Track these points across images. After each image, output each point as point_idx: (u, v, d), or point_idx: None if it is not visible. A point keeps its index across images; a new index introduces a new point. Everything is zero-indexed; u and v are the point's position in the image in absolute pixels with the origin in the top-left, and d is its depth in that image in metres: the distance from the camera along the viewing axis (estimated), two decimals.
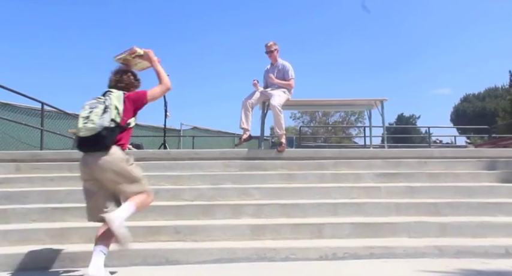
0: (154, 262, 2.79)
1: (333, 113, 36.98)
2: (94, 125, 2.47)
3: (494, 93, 29.62)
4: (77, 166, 4.32)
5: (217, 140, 16.69)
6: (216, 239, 3.11)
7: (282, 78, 5.19)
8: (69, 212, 3.48)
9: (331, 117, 38.45)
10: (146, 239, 3.12)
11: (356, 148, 11.83)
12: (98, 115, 2.50)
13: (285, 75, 5.20)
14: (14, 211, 3.45)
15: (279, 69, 5.23)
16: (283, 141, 4.69)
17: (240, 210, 3.53)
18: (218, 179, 4.18)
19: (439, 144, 17.94)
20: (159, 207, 3.57)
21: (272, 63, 5.32)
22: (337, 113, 36.92)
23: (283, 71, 5.22)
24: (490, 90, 30.42)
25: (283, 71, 5.22)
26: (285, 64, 5.25)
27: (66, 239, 3.11)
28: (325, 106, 5.52)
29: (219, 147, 15.58)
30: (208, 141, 16.34)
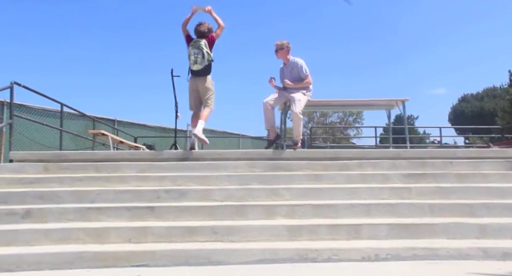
0: (196, 263, 2.81)
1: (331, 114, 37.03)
2: (200, 65, 4.85)
3: (492, 93, 29.55)
4: (102, 166, 4.44)
5: (223, 141, 16.73)
6: (253, 240, 3.13)
7: (298, 77, 5.13)
8: (103, 212, 3.51)
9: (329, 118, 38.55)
10: (183, 240, 3.14)
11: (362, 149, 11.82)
12: (200, 59, 4.83)
13: (300, 73, 5.13)
14: (51, 210, 3.48)
15: (292, 68, 5.16)
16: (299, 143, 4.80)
17: (273, 210, 3.55)
18: (245, 179, 4.19)
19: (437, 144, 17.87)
20: (191, 207, 3.60)
21: (284, 62, 5.26)
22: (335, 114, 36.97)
23: (296, 69, 5.13)
24: (489, 90, 30.35)
25: (296, 69, 5.14)
26: (296, 61, 5.14)
27: (105, 239, 3.13)
28: (344, 106, 5.53)
29: (224, 147, 15.67)
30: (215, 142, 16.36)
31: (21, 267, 2.74)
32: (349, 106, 6.10)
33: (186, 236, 3.16)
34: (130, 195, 3.81)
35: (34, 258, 2.79)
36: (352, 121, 37.30)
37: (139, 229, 3.20)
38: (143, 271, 2.67)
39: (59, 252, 2.85)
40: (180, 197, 3.81)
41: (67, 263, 2.77)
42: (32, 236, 3.10)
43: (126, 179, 4.16)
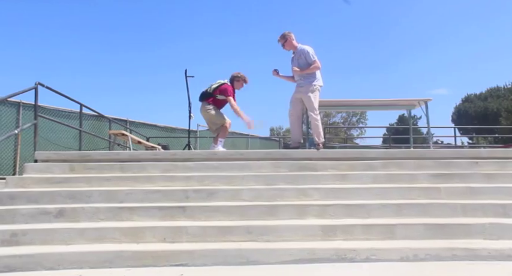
0: (234, 262, 2.81)
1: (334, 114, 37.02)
2: None
3: (496, 93, 29.42)
4: (127, 166, 4.46)
5: (232, 141, 16.76)
6: (288, 240, 3.14)
7: (306, 63, 5.15)
8: (135, 212, 3.53)
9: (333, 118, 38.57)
10: (218, 239, 3.15)
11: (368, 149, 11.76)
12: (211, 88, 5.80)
13: (307, 59, 5.14)
14: (83, 210, 3.50)
15: (300, 56, 5.21)
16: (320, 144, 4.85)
17: (304, 210, 3.55)
18: (271, 179, 4.19)
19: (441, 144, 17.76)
20: (222, 207, 3.61)
21: (293, 51, 5.32)
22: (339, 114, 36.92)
23: (303, 55, 5.17)
24: (492, 90, 30.20)
25: (304, 56, 5.17)
26: (303, 48, 5.18)
27: (140, 238, 3.14)
28: (365, 107, 5.53)
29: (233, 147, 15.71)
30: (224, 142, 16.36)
31: (63, 265, 2.76)
32: (369, 106, 6.07)
33: (220, 236, 3.17)
34: (159, 195, 3.83)
35: (75, 257, 2.81)
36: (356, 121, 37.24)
37: (174, 229, 3.21)
38: (182, 270, 2.68)
39: (99, 251, 2.87)
40: (209, 197, 3.82)
41: (107, 262, 2.79)
42: (68, 235, 3.13)
43: (153, 179, 4.18)
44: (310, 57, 5.12)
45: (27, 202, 3.70)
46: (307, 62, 5.16)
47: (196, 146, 14.31)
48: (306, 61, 5.16)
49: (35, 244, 3.07)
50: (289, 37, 5.25)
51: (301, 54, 5.18)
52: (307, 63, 5.16)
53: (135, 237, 3.14)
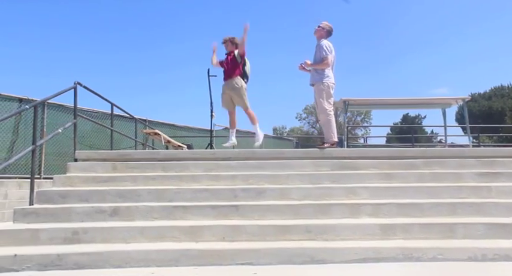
0: (300, 261, 2.82)
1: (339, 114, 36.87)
2: None
3: (500, 92, 29.22)
4: (169, 165, 4.48)
5: (247, 140, 16.80)
6: (347, 239, 3.13)
7: (320, 58, 5.06)
8: (188, 211, 3.54)
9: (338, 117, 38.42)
10: (277, 238, 3.15)
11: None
12: None
13: (320, 54, 5.05)
14: (137, 209, 3.52)
15: (316, 49, 5.15)
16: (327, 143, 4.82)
17: (357, 209, 3.54)
18: (316, 178, 4.19)
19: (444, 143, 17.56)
20: (274, 206, 3.61)
21: None
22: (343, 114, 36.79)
23: (318, 50, 5.09)
24: (496, 89, 29.98)
25: (318, 50, 5.09)
26: (321, 43, 5.07)
27: (199, 237, 3.16)
28: (400, 105, 5.51)
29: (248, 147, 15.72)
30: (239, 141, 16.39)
31: (130, 263, 2.78)
32: (405, 105, 6.04)
33: (279, 235, 3.17)
34: (207, 194, 3.84)
35: (141, 255, 2.83)
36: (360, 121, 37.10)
37: (232, 227, 3.22)
38: (249, 269, 2.68)
39: (163, 249, 2.88)
40: (257, 196, 3.83)
41: (173, 260, 2.81)
42: (128, 234, 3.15)
43: (197, 178, 4.19)
44: (323, 52, 5.01)
45: (79, 201, 3.74)
46: (320, 57, 5.07)
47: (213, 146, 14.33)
48: (320, 55, 5.06)
49: (95, 242, 3.09)
50: (324, 28, 5.13)
51: (318, 48, 5.11)
52: (320, 59, 5.07)
53: (194, 236, 3.16)
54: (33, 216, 3.41)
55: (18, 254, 2.74)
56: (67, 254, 2.79)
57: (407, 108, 5.17)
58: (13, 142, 8.27)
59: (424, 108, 6.61)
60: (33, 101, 8.49)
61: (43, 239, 3.07)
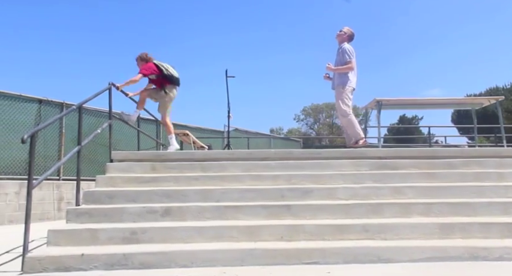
0: (366, 260, 2.82)
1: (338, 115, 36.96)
2: None
3: (495, 93, 29.38)
4: (207, 166, 4.47)
5: (255, 141, 16.81)
6: (406, 238, 3.13)
7: (343, 61, 5.16)
8: (240, 211, 3.54)
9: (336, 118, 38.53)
10: (335, 238, 3.15)
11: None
12: None
13: (344, 58, 5.14)
14: (189, 209, 3.52)
15: (339, 53, 5.25)
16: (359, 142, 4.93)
17: (408, 208, 3.54)
18: (358, 178, 4.19)
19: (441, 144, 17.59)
20: (325, 206, 3.61)
21: None
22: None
23: (341, 53, 5.17)
24: (492, 90, 30.14)
25: (341, 54, 5.17)
26: (343, 47, 5.18)
27: (256, 236, 3.15)
28: (432, 105, 5.51)
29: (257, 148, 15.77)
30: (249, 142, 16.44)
31: (196, 263, 2.78)
32: (436, 105, 6.01)
33: (337, 234, 3.17)
34: (254, 194, 3.84)
35: (206, 255, 2.82)
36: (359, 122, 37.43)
37: (289, 227, 3.22)
38: (320, 268, 2.68)
39: (229, 249, 2.89)
40: (304, 196, 3.83)
41: (238, 260, 2.81)
42: (186, 234, 3.14)
43: (240, 178, 4.19)
44: (346, 56, 5.11)
45: (126, 201, 3.73)
46: (343, 60, 5.15)
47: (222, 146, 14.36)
48: (343, 59, 5.16)
49: (154, 242, 3.09)
50: (346, 32, 5.28)
51: (341, 52, 5.21)
52: (343, 62, 5.16)
53: (251, 236, 3.15)
54: (86, 216, 3.41)
55: (85, 254, 2.73)
56: (133, 253, 2.79)
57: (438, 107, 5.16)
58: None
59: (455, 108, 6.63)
60: (52, 102, 8.53)
61: (102, 239, 3.06)
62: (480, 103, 5.40)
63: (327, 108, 39.44)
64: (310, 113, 41.23)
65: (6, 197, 7.23)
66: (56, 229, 3.09)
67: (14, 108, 7.75)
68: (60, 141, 8.68)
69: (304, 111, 40.83)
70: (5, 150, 7.50)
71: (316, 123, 40.91)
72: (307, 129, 40.87)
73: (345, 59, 5.12)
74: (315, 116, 39.50)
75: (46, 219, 7.78)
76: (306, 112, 41.16)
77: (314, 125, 41.25)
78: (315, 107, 40.48)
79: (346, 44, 5.22)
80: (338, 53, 5.29)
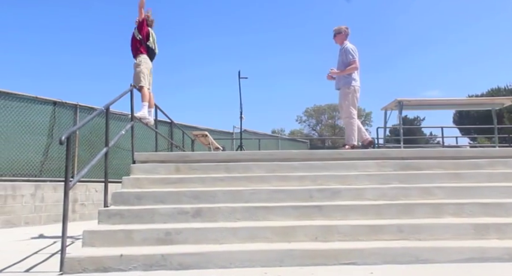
0: (404, 261, 2.80)
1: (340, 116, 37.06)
2: None
3: (497, 94, 29.23)
4: (232, 166, 4.47)
5: (264, 142, 16.82)
6: (440, 238, 3.11)
7: (347, 62, 5.17)
8: (271, 211, 3.53)
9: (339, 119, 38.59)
10: (369, 238, 3.14)
11: None
12: None
13: (347, 58, 5.15)
14: (220, 210, 3.51)
15: (342, 53, 5.24)
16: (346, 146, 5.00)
17: (439, 209, 3.52)
18: (384, 178, 4.17)
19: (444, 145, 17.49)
20: (355, 206, 3.60)
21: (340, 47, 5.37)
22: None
23: (344, 53, 5.17)
24: (493, 91, 30.03)
25: (344, 54, 5.17)
26: (346, 46, 5.18)
27: (291, 237, 3.14)
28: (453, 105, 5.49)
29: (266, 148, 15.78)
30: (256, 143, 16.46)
31: (234, 264, 2.77)
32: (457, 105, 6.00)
33: (371, 235, 3.15)
34: (283, 194, 3.83)
35: (245, 256, 2.81)
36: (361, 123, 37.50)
37: (322, 227, 3.20)
38: (357, 269, 2.66)
39: (267, 249, 2.87)
40: (333, 196, 3.81)
41: (277, 261, 2.79)
42: (220, 234, 3.14)
43: (266, 178, 4.18)
44: (349, 56, 5.10)
45: (154, 202, 3.73)
46: (347, 60, 5.15)
47: (232, 147, 14.38)
48: (346, 60, 5.17)
49: (188, 243, 3.09)
50: (343, 31, 5.31)
51: (343, 51, 5.20)
52: (347, 62, 5.16)
53: (286, 237, 3.14)
54: (118, 217, 3.41)
55: (123, 254, 2.73)
56: (171, 254, 2.78)
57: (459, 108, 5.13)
58: (48, 145, 8.29)
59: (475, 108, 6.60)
60: (66, 104, 8.56)
61: (137, 240, 3.06)
62: (501, 103, 5.38)
63: (329, 110, 39.43)
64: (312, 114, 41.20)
65: (22, 199, 7.23)
66: (91, 230, 3.09)
67: (30, 110, 7.77)
68: (74, 142, 8.70)
69: (307, 112, 40.85)
70: (21, 152, 7.52)
71: (319, 124, 40.89)
72: (309, 130, 40.85)
73: (349, 59, 5.13)
74: (317, 117, 39.45)
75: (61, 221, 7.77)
76: (308, 113, 41.16)
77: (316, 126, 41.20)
78: (317, 109, 40.48)
79: (348, 44, 5.24)
80: (341, 53, 5.30)
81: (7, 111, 7.38)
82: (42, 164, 8.05)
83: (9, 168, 7.22)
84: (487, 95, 29.56)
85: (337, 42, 5.35)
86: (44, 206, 7.53)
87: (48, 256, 3.49)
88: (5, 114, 7.29)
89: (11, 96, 7.50)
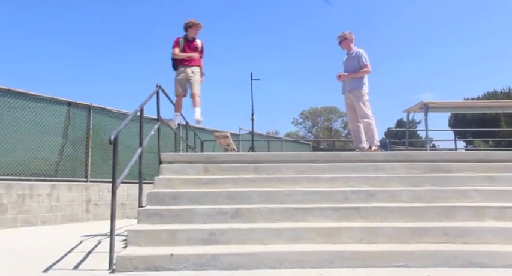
0: (456, 264, 2.77)
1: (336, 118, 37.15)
2: None
3: (493, 97, 29.28)
4: (261, 168, 4.45)
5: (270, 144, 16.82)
6: (488, 242, 3.09)
7: (358, 66, 5.26)
8: (310, 213, 3.50)
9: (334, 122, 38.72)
10: (415, 241, 3.11)
11: None
12: None
13: (359, 62, 5.26)
14: (259, 210, 3.49)
15: (353, 57, 5.33)
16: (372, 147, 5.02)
17: (481, 212, 3.50)
18: (415, 181, 4.15)
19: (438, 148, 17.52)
20: (394, 208, 3.58)
21: (347, 52, 5.45)
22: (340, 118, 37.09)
23: (356, 58, 5.28)
24: (490, 94, 30.09)
25: (356, 58, 5.28)
26: (358, 51, 5.29)
27: (336, 239, 3.12)
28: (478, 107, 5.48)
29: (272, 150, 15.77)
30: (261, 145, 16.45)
31: (284, 264, 2.75)
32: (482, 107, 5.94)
33: (416, 237, 3.13)
34: (317, 196, 3.80)
35: (293, 257, 2.79)
36: None
37: (365, 229, 3.19)
38: (411, 272, 2.64)
39: (314, 251, 2.85)
40: (369, 198, 3.79)
41: (327, 262, 2.77)
42: (264, 235, 3.11)
43: (297, 180, 4.17)
44: (363, 60, 5.22)
45: (189, 202, 3.71)
46: (359, 64, 5.25)
47: (239, 149, 14.36)
48: (358, 64, 5.26)
49: (232, 243, 3.06)
50: (349, 37, 5.40)
51: (355, 56, 5.29)
52: (359, 67, 5.25)
53: (330, 238, 3.12)
54: (157, 217, 3.38)
55: (174, 254, 2.70)
56: (220, 254, 2.76)
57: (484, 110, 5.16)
58: (63, 145, 8.26)
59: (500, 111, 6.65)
60: (80, 105, 8.54)
61: (181, 240, 3.04)
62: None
63: (325, 112, 39.53)
64: (308, 117, 41.22)
65: (39, 198, 7.20)
66: (135, 229, 3.07)
67: (46, 110, 7.75)
68: (88, 143, 8.67)
69: (302, 114, 40.91)
70: (37, 151, 7.49)
71: (315, 126, 40.87)
72: (305, 132, 40.88)
73: (362, 62, 5.23)
74: (313, 120, 39.45)
75: (75, 220, 7.76)
76: (304, 116, 41.21)
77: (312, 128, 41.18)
78: (313, 111, 40.54)
79: (359, 49, 5.38)
80: (351, 57, 5.39)
81: (24, 112, 7.36)
82: (57, 164, 8.02)
83: (27, 168, 7.19)
84: (484, 98, 29.56)
85: (344, 49, 5.44)
86: (60, 206, 7.50)
87: (85, 255, 3.46)
88: (22, 115, 7.27)
89: (28, 96, 7.48)
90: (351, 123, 5.54)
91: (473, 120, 26.24)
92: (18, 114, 7.13)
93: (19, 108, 7.23)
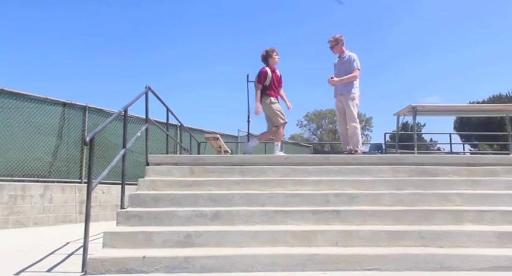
0: (428, 268, 2.78)
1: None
2: None
3: (498, 101, 29.17)
4: (246, 170, 4.45)
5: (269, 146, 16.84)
6: (462, 245, 3.09)
7: (349, 70, 5.28)
8: (289, 215, 3.51)
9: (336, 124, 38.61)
10: (390, 244, 3.12)
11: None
12: None
13: (351, 66, 5.27)
14: (238, 213, 3.50)
15: (345, 61, 5.35)
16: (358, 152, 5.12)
17: (459, 216, 3.50)
18: (400, 184, 4.15)
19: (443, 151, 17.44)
20: (374, 211, 3.58)
21: (339, 55, 5.47)
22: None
23: (348, 62, 5.30)
24: (495, 98, 29.99)
25: (348, 62, 5.30)
26: (350, 55, 5.31)
27: (311, 242, 3.13)
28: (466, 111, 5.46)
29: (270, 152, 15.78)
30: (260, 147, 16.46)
31: (256, 268, 2.76)
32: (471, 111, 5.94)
33: (392, 240, 3.14)
34: (299, 199, 3.81)
35: (266, 260, 2.80)
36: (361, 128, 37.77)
37: (342, 233, 3.19)
38: (382, 275, 2.64)
39: (288, 254, 2.86)
40: (350, 201, 3.79)
41: (299, 265, 2.78)
42: (240, 238, 3.12)
43: (282, 182, 4.16)
44: (354, 65, 5.26)
45: (171, 204, 3.72)
46: (350, 68, 5.28)
47: (237, 151, 14.38)
48: (349, 68, 5.29)
49: (209, 246, 3.07)
50: (340, 41, 5.42)
51: (346, 59, 5.31)
52: (350, 71, 5.28)
53: (305, 241, 3.13)
54: (136, 219, 3.40)
55: (146, 256, 2.72)
56: (193, 257, 2.77)
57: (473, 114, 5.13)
58: (57, 146, 8.29)
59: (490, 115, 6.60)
60: (75, 105, 8.58)
61: (157, 242, 3.05)
62: None
63: (330, 114, 39.51)
64: (313, 119, 41.24)
65: (32, 199, 7.23)
66: (111, 231, 3.09)
67: (40, 111, 7.79)
68: (83, 144, 8.69)
69: (307, 117, 40.91)
70: (31, 152, 7.53)
71: (319, 129, 40.88)
72: (309, 134, 40.86)
73: (353, 67, 5.27)
74: (317, 122, 39.50)
75: (68, 221, 7.78)
76: (309, 118, 41.21)
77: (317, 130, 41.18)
78: (318, 113, 40.53)
79: (351, 52, 5.39)
80: (343, 61, 5.40)
81: (18, 112, 7.40)
82: (51, 165, 8.05)
83: (19, 168, 7.23)
84: (489, 101, 29.46)
85: (336, 53, 5.46)
86: (53, 207, 7.52)
87: (65, 257, 3.48)
88: (15, 115, 7.31)
89: (22, 96, 7.52)
90: (341, 126, 5.59)
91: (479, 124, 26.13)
92: (11, 115, 7.17)
93: (12, 109, 7.27)
